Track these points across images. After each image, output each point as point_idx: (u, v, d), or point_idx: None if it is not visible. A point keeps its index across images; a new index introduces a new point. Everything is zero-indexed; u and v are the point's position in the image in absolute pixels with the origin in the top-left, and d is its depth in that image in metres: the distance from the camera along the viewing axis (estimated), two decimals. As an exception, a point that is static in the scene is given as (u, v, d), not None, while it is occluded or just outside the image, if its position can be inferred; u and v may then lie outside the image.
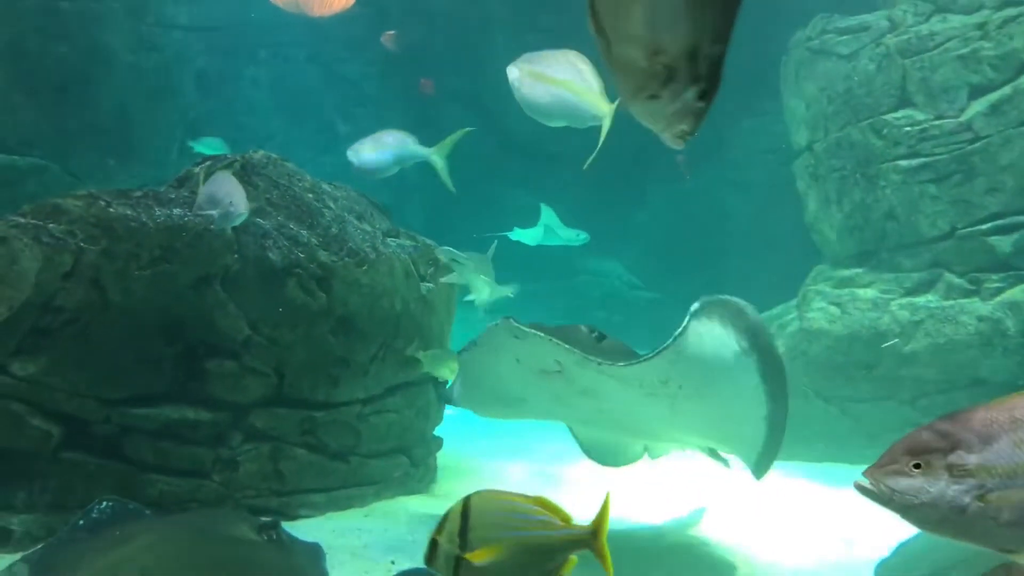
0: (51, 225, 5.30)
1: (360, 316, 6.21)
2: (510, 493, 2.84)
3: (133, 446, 5.49)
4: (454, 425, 7.87)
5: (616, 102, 4.76)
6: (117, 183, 9.00)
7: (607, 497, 2.75)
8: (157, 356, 5.55)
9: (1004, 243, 7.39)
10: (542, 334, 4.46)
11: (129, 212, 5.47)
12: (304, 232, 6.13)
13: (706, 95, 1.56)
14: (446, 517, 2.74)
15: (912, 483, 2.08)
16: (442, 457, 7.43)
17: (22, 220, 5.29)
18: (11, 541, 5.03)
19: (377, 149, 7.55)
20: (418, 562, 4.84)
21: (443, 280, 6.70)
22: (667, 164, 16.56)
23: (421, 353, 6.58)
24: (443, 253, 6.21)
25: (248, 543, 4.76)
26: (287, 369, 5.93)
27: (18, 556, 4.71)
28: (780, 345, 8.88)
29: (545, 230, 12.59)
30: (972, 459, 2.04)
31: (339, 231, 6.33)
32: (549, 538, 2.69)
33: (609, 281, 18.10)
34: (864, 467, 7.17)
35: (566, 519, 2.74)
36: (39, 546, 4.53)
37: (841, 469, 8.01)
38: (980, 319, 7.39)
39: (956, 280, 7.71)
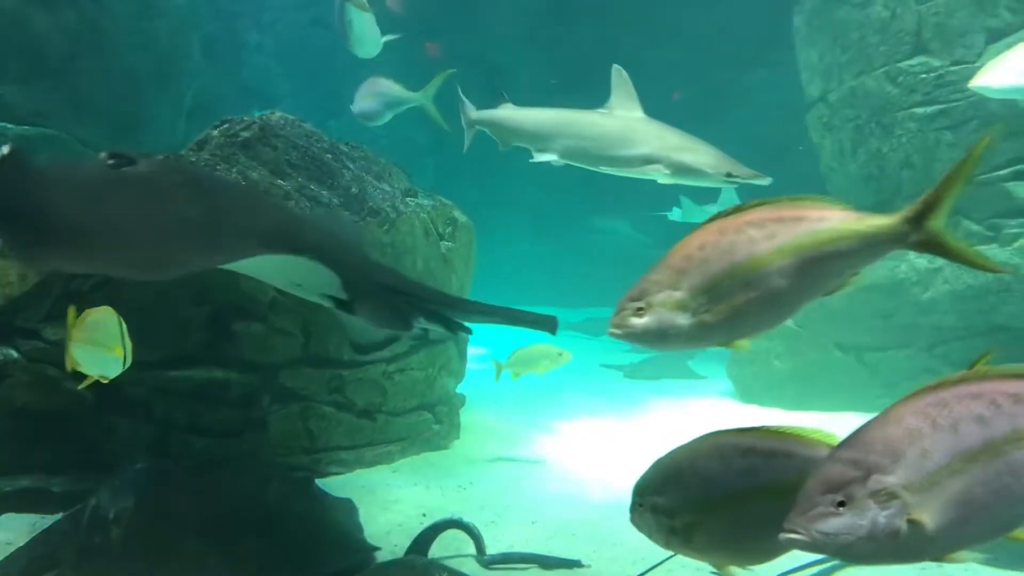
0: (76, 190, 5.31)
1: (383, 275, 6.24)
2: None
3: (165, 407, 5.57)
4: (477, 382, 7.94)
5: None
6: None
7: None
8: (186, 319, 5.60)
9: (1022, 189, 7.37)
10: None
11: (152, 176, 5.47)
12: (325, 192, 6.14)
13: None
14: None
15: (843, 521, 2.01)
16: (465, 414, 7.51)
17: (47, 186, 5.29)
18: (52, 501, 5.11)
19: (370, 98, 7.73)
20: (446, 515, 4.95)
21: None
22: (676, 122, 16.48)
23: (507, 361, 6.87)
24: None
25: (285, 499, 4.84)
26: (313, 329, 5.98)
27: (59, 516, 4.81)
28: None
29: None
30: (891, 480, 2.00)
31: (359, 191, 6.34)
32: None
33: (618, 240, 18.08)
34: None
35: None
36: (79, 505, 4.62)
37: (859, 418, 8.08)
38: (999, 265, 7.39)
39: (974, 227, 7.69)
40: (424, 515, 5.47)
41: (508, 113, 6.14)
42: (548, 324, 4.66)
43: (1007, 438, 2.03)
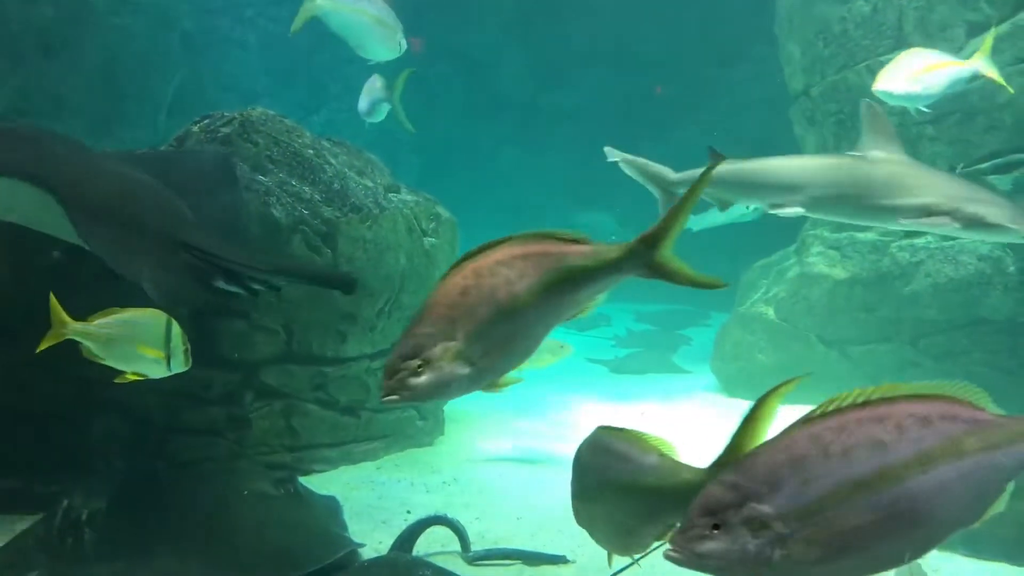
0: (53, 187, 5.24)
1: (366, 272, 6.21)
2: None
3: (146, 406, 5.51)
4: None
5: None
6: (107, 148, 8.90)
7: None
8: (165, 316, 5.54)
9: (1004, 181, 7.38)
10: None
11: (131, 172, 5.42)
12: (306, 188, 6.10)
13: None
14: None
15: (716, 545, 1.98)
16: (449, 410, 7.49)
17: (24, 183, 5.22)
18: (32, 500, 5.04)
19: (365, 96, 7.96)
20: (430, 511, 4.94)
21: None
22: (657, 116, 16.50)
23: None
24: None
25: (267, 497, 4.81)
26: (296, 326, 5.95)
27: (39, 516, 4.75)
28: (781, 291, 8.93)
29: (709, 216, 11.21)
30: (765, 509, 1.96)
31: (341, 187, 6.30)
32: None
33: (602, 235, 18.00)
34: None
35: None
36: (54, 508, 4.56)
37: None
38: (980, 258, 7.42)
39: (955, 220, 7.72)
40: (408, 512, 5.45)
41: (735, 167, 4.93)
42: (344, 283, 4.63)
43: (908, 463, 1.98)
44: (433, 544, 4.84)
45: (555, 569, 4.68)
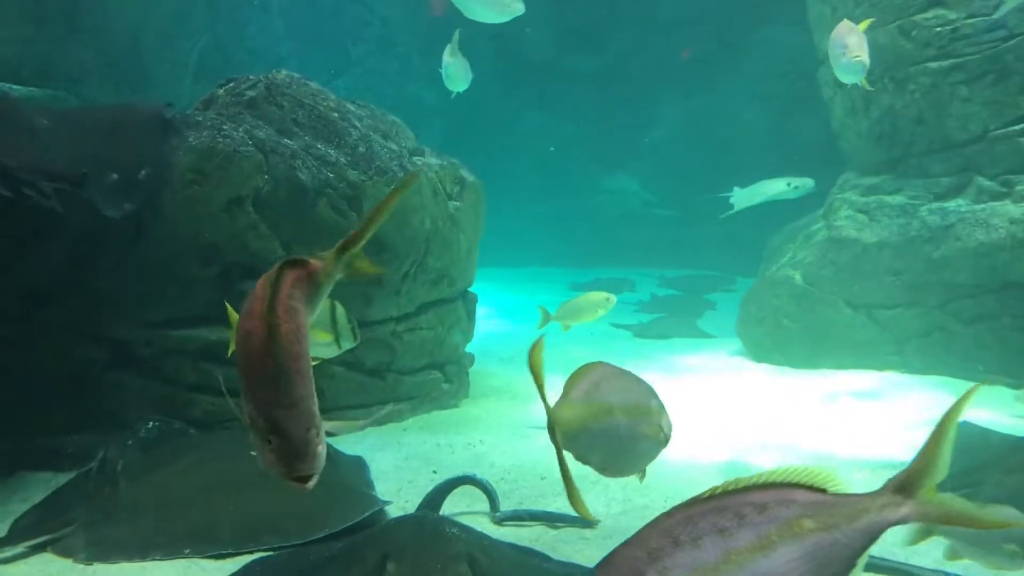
0: (82, 150, 5.29)
1: (391, 235, 6.23)
2: None
3: (175, 367, 5.59)
4: (486, 341, 7.94)
5: None
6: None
7: None
8: (193, 279, 5.60)
9: (1037, 143, 7.28)
10: None
11: (158, 135, 5.45)
12: (332, 152, 6.10)
13: None
14: None
15: None
16: (474, 373, 7.52)
17: (53, 146, 5.27)
18: (63, 459, 5.14)
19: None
20: (457, 472, 4.98)
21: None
22: (682, 79, 16.30)
23: (555, 313, 6.83)
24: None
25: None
26: (322, 288, 5.97)
27: (72, 474, 4.86)
28: (808, 255, 8.86)
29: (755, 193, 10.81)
30: None
31: (366, 150, 6.30)
32: None
33: (626, 200, 18.01)
34: (890, 373, 7.13)
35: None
36: (90, 464, 4.66)
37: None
38: (1012, 221, 7.32)
39: (987, 183, 7.60)
40: (435, 472, 5.51)
41: None
42: (72, 178, 4.56)
43: (751, 547, 2.05)
44: (459, 504, 4.89)
45: (581, 531, 4.71)
